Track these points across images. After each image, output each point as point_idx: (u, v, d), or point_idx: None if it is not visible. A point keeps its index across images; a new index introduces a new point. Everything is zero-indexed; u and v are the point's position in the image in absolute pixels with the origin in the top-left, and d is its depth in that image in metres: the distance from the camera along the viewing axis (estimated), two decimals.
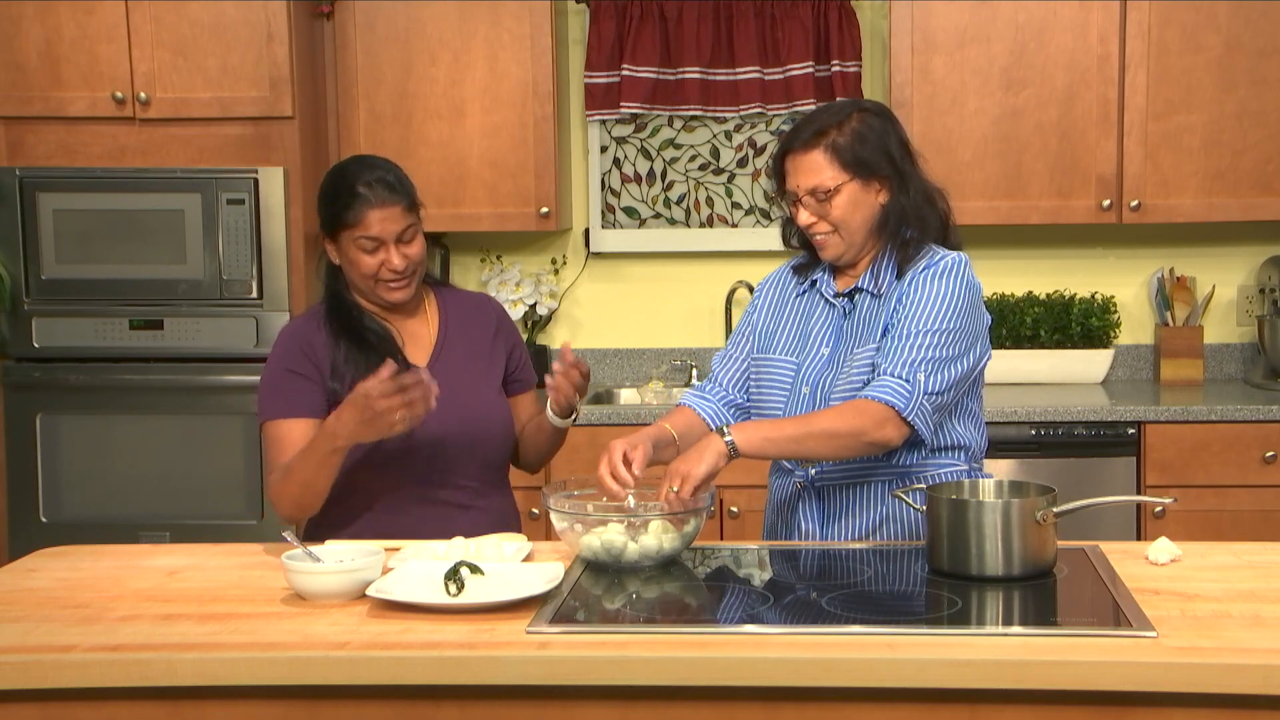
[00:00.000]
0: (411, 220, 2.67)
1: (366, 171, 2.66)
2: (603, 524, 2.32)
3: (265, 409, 2.67)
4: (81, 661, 1.94)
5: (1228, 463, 3.95)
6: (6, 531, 4.18)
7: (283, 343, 2.71)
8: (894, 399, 2.40)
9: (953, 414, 2.54)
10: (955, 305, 2.48)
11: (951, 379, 2.46)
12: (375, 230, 2.62)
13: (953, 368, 2.46)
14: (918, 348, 2.44)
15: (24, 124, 4.15)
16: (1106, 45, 4.18)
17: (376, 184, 2.63)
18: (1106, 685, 1.84)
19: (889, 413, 2.40)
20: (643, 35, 4.46)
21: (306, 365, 2.66)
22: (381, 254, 2.63)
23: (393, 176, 2.67)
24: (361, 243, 2.63)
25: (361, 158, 2.75)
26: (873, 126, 2.54)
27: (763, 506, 2.79)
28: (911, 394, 2.41)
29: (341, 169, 2.71)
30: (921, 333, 2.45)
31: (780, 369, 2.62)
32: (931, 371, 2.43)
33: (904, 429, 2.42)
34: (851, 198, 2.52)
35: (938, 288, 2.49)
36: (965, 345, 2.49)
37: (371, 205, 2.62)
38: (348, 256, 2.66)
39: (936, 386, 2.44)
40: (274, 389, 2.67)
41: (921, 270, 2.51)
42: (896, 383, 2.42)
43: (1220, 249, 4.54)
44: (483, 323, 2.82)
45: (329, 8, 4.30)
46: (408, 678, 1.91)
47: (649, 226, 4.68)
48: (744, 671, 1.88)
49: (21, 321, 4.13)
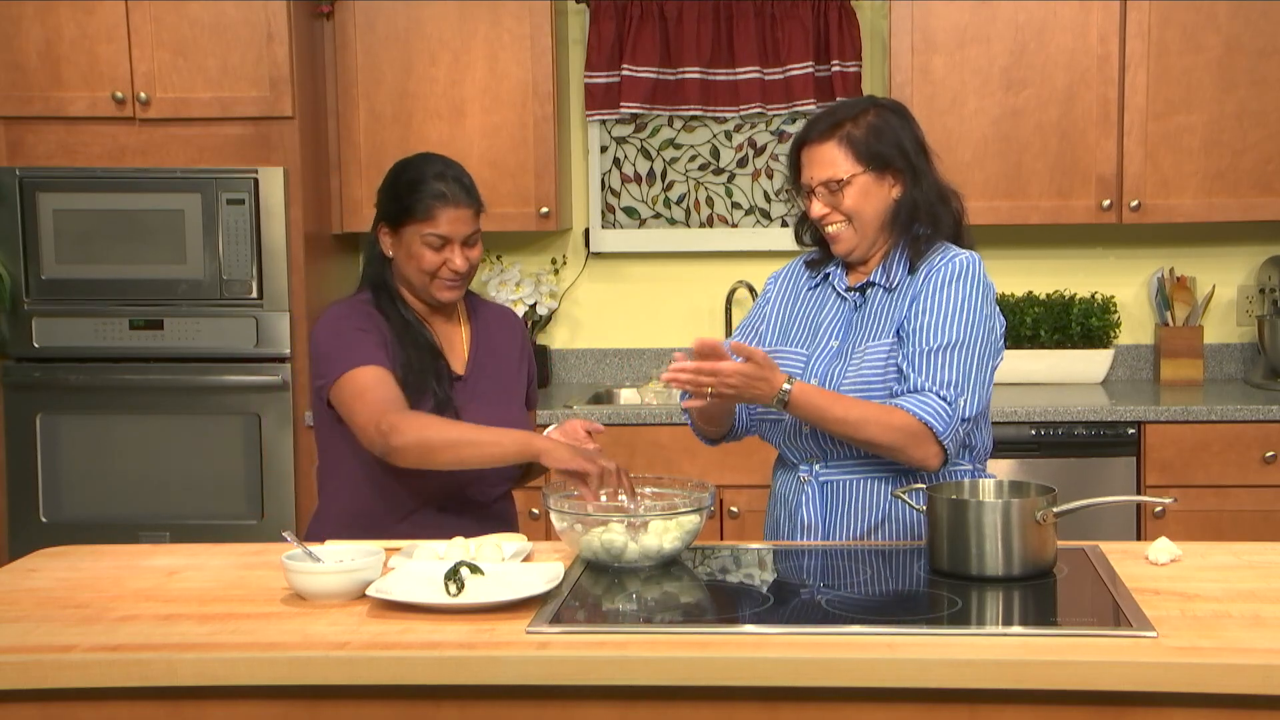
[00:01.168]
0: (477, 226, 2.69)
1: (444, 169, 2.67)
2: (603, 524, 2.32)
3: (341, 360, 2.60)
4: (81, 661, 1.93)
5: (1228, 463, 3.95)
6: (6, 531, 4.18)
7: (339, 313, 2.69)
8: (935, 421, 2.43)
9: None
10: (977, 311, 2.51)
11: (983, 403, 2.52)
12: (445, 229, 2.63)
13: (985, 390, 2.52)
14: (951, 366, 2.47)
15: (24, 124, 4.15)
16: (1106, 45, 4.18)
17: (454, 183, 2.65)
18: (1106, 685, 1.84)
19: (928, 433, 2.44)
20: (643, 35, 4.46)
21: (370, 325, 2.65)
22: (446, 253, 2.65)
23: (468, 179, 2.70)
24: (429, 239, 2.64)
25: (432, 156, 2.74)
26: (889, 122, 2.56)
27: (762, 506, 2.79)
28: (951, 418, 2.45)
29: (415, 164, 2.71)
30: (951, 346, 2.47)
31: (790, 361, 2.62)
32: (972, 397, 2.47)
33: (939, 450, 2.46)
34: (864, 189, 2.54)
35: (958, 292, 2.50)
36: (990, 356, 2.53)
37: (448, 204, 2.63)
38: (409, 250, 2.66)
39: (971, 412, 2.48)
40: (350, 342, 2.62)
41: (937, 269, 2.53)
42: (939, 404, 2.44)
43: (1220, 249, 4.54)
44: (510, 339, 2.84)
45: (329, 8, 4.30)
46: (408, 678, 1.91)
47: (649, 226, 4.68)
48: (744, 671, 1.88)
49: (21, 321, 4.13)
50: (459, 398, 2.68)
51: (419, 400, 2.62)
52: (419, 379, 2.64)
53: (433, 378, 2.66)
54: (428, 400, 2.63)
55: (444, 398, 2.65)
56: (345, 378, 2.60)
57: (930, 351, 2.47)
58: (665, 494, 2.47)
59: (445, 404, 2.64)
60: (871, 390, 2.51)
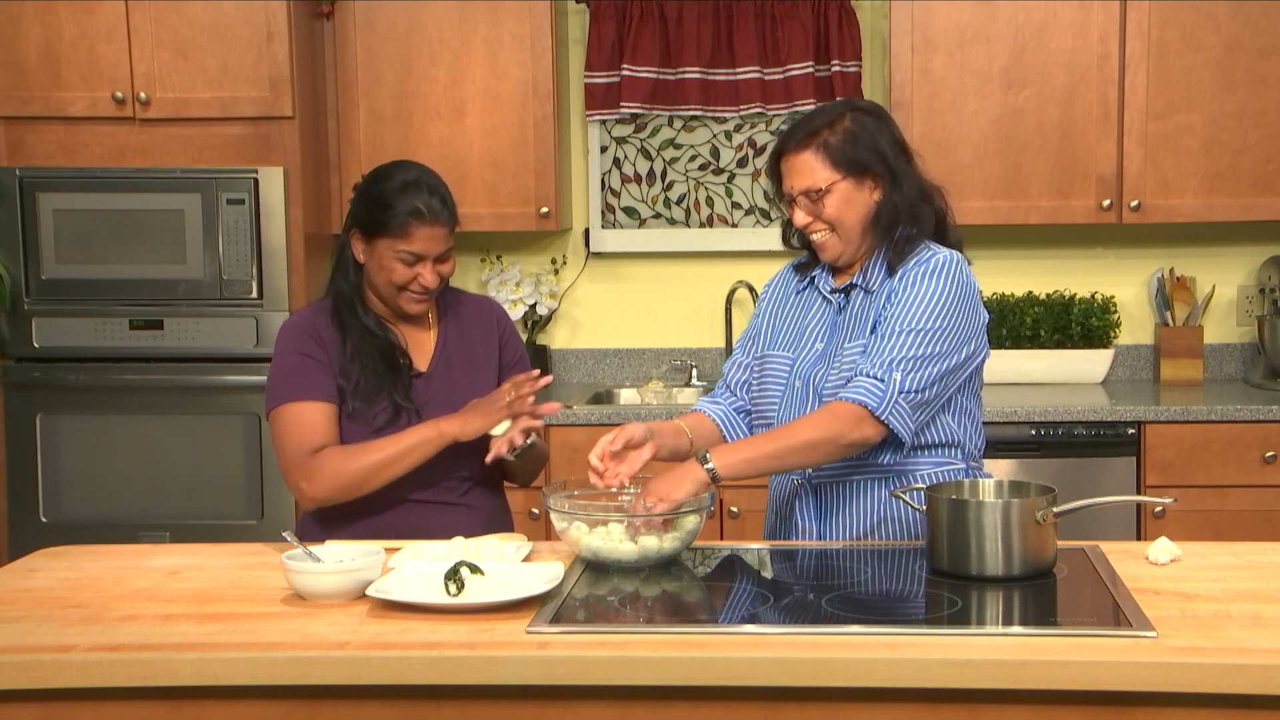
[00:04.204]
0: (452, 242, 2.69)
1: (422, 183, 2.65)
2: (603, 524, 2.33)
3: (280, 392, 2.66)
4: (81, 661, 1.94)
5: (1228, 463, 3.95)
6: (6, 531, 4.18)
7: (292, 331, 2.71)
8: (867, 399, 2.41)
9: (944, 411, 2.54)
10: (942, 304, 2.48)
11: (931, 377, 2.46)
12: (419, 247, 2.63)
13: (934, 366, 2.46)
14: (897, 347, 2.45)
15: (24, 124, 4.15)
16: (1106, 45, 4.18)
17: (432, 198, 2.64)
18: (1106, 685, 1.84)
19: (863, 412, 2.41)
20: (643, 35, 4.46)
21: (319, 351, 2.66)
22: (417, 269, 2.65)
23: (445, 191, 2.68)
24: (402, 255, 2.63)
25: (411, 166, 2.72)
26: (865, 125, 2.54)
27: (763, 507, 2.79)
28: (885, 392, 2.42)
29: (393, 174, 2.68)
30: (904, 332, 2.46)
31: (778, 364, 2.64)
32: (910, 370, 2.44)
33: (880, 427, 2.43)
34: (844, 196, 2.53)
35: (926, 286, 2.49)
36: (952, 344, 2.48)
37: (424, 222, 2.62)
38: (380, 261, 2.66)
39: (914, 385, 2.44)
40: (288, 372, 2.66)
41: (911, 268, 2.52)
42: (871, 383, 2.43)
43: (1220, 249, 4.54)
44: (483, 327, 2.82)
45: (329, 8, 4.30)
46: (408, 678, 1.91)
47: (649, 226, 4.68)
48: (744, 671, 1.88)
49: (21, 321, 4.13)
50: (421, 396, 2.69)
51: (373, 407, 2.64)
52: (375, 386, 2.66)
53: (390, 383, 2.67)
54: (382, 405, 2.65)
55: (402, 402, 2.66)
56: (274, 413, 2.67)
57: (881, 341, 2.47)
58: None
59: (402, 408, 2.66)
60: None
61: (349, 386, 2.64)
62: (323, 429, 2.62)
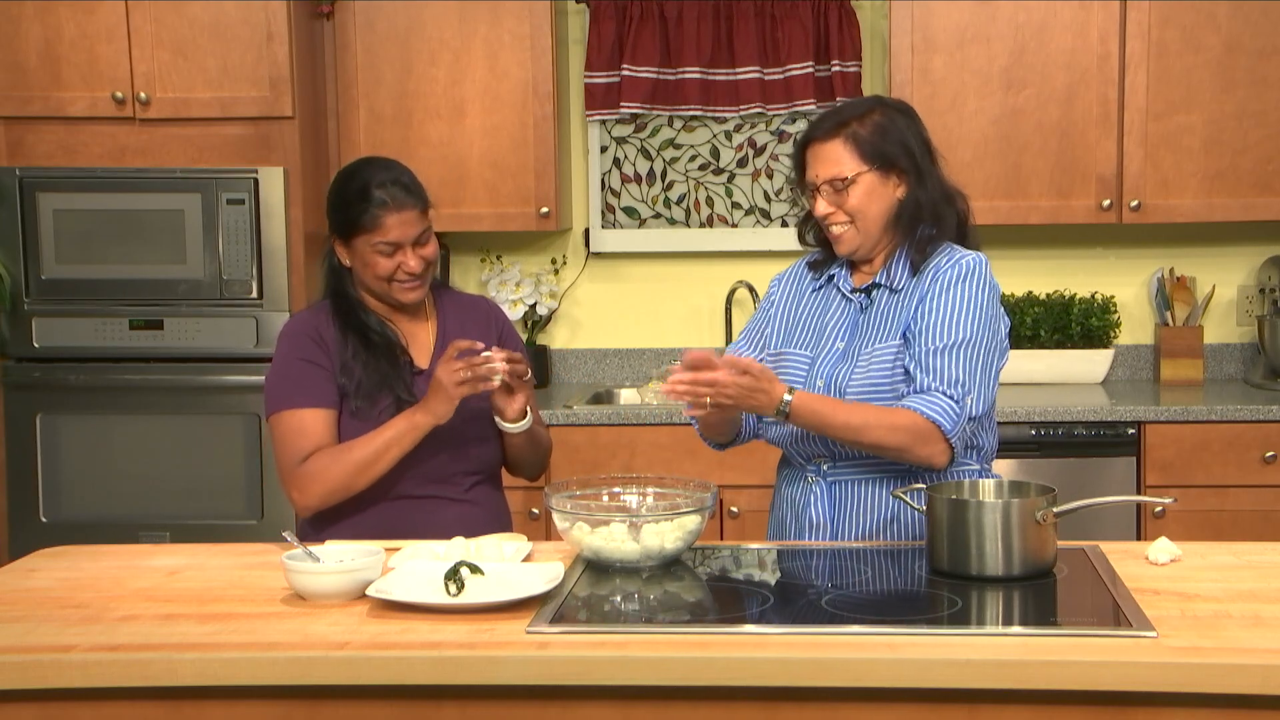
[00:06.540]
0: (427, 223, 2.69)
1: (381, 174, 2.65)
2: (604, 524, 2.32)
3: (280, 399, 2.66)
4: (81, 661, 1.94)
5: (1228, 463, 3.95)
6: (6, 531, 4.18)
7: (292, 335, 2.71)
8: (943, 420, 2.43)
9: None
10: (984, 311, 2.50)
11: (989, 402, 2.52)
12: (394, 235, 2.63)
13: (991, 390, 2.51)
14: (960, 365, 2.46)
15: (24, 124, 4.15)
16: (1106, 45, 4.18)
17: (393, 187, 2.63)
18: (1106, 685, 1.84)
19: (936, 433, 2.43)
20: (643, 35, 4.46)
21: (319, 355, 2.66)
22: (399, 257, 2.64)
23: (408, 179, 2.67)
24: (380, 247, 2.63)
25: (371, 160, 2.74)
26: (895, 122, 2.56)
27: (763, 506, 2.79)
28: (960, 416, 2.44)
29: (353, 173, 2.70)
30: (959, 345, 2.47)
31: (796, 363, 2.63)
32: (979, 396, 2.47)
33: (946, 450, 2.46)
34: (868, 188, 2.54)
35: (963, 291, 2.50)
36: (994, 354, 2.52)
37: (390, 210, 2.62)
38: (362, 260, 2.66)
39: (978, 411, 2.48)
40: (288, 378, 2.66)
41: (946, 269, 2.52)
42: (947, 403, 2.44)
43: (1220, 249, 4.54)
44: (480, 324, 2.82)
45: (329, 8, 4.30)
46: (408, 678, 1.91)
47: (649, 226, 4.68)
48: (744, 671, 1.88)
49: (21, 321, 4.13)
50: (422, 393, 2.69)
51: (376, 405, 2.64)
52: (377, 384, 2.66)
53: (392, 380, 2.67)
54: (385, 402, 2.65)
55: (405, 398, 2.66)
56: (272, 420, 2.67)
57: (937, 351, 2.47)
58: (667, 494, 2.47)
59: (405, 404, 2.66)
60: (879, 393, 2.51)
61: (351, 385, 2.64)
62: (318, 437, 2.62)
